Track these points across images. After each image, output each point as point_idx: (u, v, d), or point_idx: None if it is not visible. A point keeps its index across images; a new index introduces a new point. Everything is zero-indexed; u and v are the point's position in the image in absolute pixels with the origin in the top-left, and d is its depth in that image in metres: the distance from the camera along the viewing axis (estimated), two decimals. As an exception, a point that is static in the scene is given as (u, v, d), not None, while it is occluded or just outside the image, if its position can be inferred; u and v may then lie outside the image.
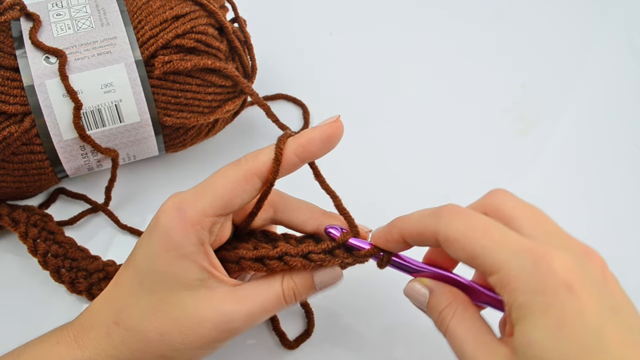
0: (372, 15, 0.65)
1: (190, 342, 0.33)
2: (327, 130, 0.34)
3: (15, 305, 0.45)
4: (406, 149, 0.55)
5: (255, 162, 0.34)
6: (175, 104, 0.46)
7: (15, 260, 0.47)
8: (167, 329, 0.33)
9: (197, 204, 0.33)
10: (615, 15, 0.66)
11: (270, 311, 0.35)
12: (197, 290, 0.33)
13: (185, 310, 0.33)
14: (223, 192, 0.33)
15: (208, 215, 0.33)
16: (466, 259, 0.30)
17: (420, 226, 0.32)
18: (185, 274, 0.33)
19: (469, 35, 0.64)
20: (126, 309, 0.34)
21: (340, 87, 0.59)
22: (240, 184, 0.33)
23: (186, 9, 0.46)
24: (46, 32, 0.45)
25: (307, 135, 0.34)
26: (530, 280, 0.28)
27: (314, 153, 0.34)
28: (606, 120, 0.58)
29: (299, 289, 0.35)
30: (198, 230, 0.33)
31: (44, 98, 0.43)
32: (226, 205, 0.33)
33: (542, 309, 0.27)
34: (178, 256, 0.33)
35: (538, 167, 0.55)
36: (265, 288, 0.34)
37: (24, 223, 0.45)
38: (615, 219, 0.52)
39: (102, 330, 0.34)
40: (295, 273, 0.35)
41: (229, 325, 0.33)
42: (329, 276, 0.35)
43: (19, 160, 0.44)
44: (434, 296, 0.34)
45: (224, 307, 0.33)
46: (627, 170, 0.55)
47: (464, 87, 0.60)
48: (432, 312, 0.34)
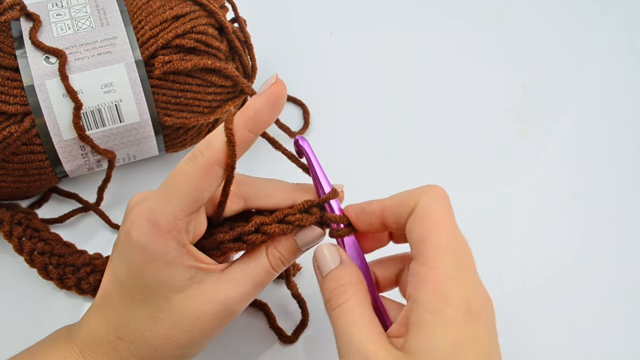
0: (372, 15, 0.65)
1: (196, 337, 0.34)
2: (271, 95, 0.32)
3: (11, 303, 0.45)
4: (406, 149, 0.55)
5: (210, 150, 0.32)
6: (175, 104, 0.46)
7: (9, 259, 0.47)
8: (171, 332, 0.33)
9: (166, 209, 0.32)
10: (615, 16, 0.66)
11: (264, 284, 0.35)
12: (188, 288, 0.33)
13: (183, 310, 0.33)
14: (188, 190, 0.32)
15: (180, 218, 0.32)
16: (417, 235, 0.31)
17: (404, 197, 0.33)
18: (173, 278, 0.33)
19: (469, 35, 0.64)
20: (126, 323, 0.34)
21: (340, 87, 0.59)
22: (203, 177, 0.32)
23: (186, 9, 0.46)
24: (46, 32, 0.45)
25: (253, 105, 0.32)
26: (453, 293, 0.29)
27: (265, 122, 0.33)
28: (606, 120, 0.58)
29: (285, 255, 0.35)
30: (175, 236, 0.32)
31: (44, 98, 0.43)
32: (195, 202, 0.32)
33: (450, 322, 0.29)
34: (162, 265, 0.32)
35: (538, 167, 0.55)
36: (253, 264, 0.35)
37: (7, 222, 0.44)
38: (615, 219, 0.52)
39: (108, 346, 0.34)
40: (277, 241, 0.35)
41: (228, 311, 0.34)
42: (310, 235, 0.35)
43: (19, 160, 0.44)
44: (343, 268, 0.33)
45: (219, 297, 0.34)
46: (627, 170, 0.55)
47: (464, 87, 0.60)
48: (330, 282, 0.33)
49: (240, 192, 0.36)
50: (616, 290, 0.49)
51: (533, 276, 0.49)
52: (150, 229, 0.32)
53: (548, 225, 0.52)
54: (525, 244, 0.51)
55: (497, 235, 0.51)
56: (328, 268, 0.34)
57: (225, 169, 0.33)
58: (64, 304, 0.45)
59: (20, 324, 0.44)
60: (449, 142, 0.56)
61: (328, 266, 0.34)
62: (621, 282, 0.49)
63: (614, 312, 0.48)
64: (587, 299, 0.48)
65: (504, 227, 0.51)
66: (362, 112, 0.57)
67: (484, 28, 0.64)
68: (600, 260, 0.50)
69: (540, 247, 0.50)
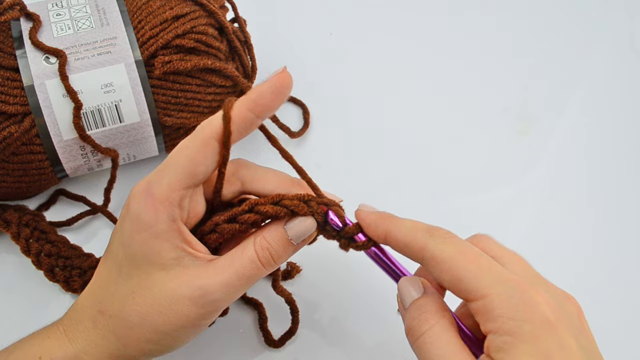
0: (372, 15, 0.65)
1: (171, 322, 0.33)
2: (276, 82, 0.33)
3: (13, 305, 0.45)
4: (406, 149, 0.55)
5: (210, 126, 0.33)
6: (175, 104, 0.46)
7: (11, 260, 0.47)
8: (147, 310, 0.33)
9: (162, 181, 0.32)
10: (616, 15, 0.66)
11: (248, 277, 0.34)
12: (171, 268, 0.33)
13: (161, 290, 0.33)
14: (185, 163, 0.32)
15: (175, 190, 0.32)
16: (450, 281, 0.31)
17: (410, 237, 0.33)
18: (158, 253, 0.33)
19: (469, 35, 0.64)
20: (108, 296, 0.34)
21: (340, 87, 0.59)
22: (200, 151, 0.32)
23: (186, 9, 0.46)
24: (46, 32, 0.45)
25: (257, 88, 0.33)
26: (518, 308, 0.29)
27: (267, 106, 0.33)
28: (606, 120, 0.58)
29: (273, 246, 0.34)
30: (167, 207, 0.32)
31: (44, 98, 0.43)
32: (190, 175, 0.33)
33: (530, 337, 0.28)
34: (150, 236, 0.33)
35: (538, 167, 0.55)
36: (239, 253, 0.34)
37: (15, 224, 0.45)
38: (616, 219, 0.52)
39: (89, 321, 0.34)
40: (266, 230, 0.34)
41: (207, 299, 0.33)
42: (301, 226, 0.34)
43: (19, 160, 0.44)
44: (427, 297, 0.33)
45: (198, 281, 0.33)
46: (627, 170, 0.55)
47: (464, 87, 0.60)
48: (411, 310, 0.32)
49: (238, 173, 0.37)
50: (616, 290, 0.49)
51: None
52: (145, 198, 0.32)
53: (548, 226, 0.52)
54: (525, 244, 0.50)
55: (497, 236, 0.50)
56: (411, 298, 0.33)
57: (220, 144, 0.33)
58: (66, 303, 0.45)
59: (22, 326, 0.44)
60: (449, 142, 0.56)
61: (411, 296, 0.33)
62: (621, 282, 0.49)
63: (614, 312, 0.48)
64: (587, 299, 0.48)
65: (503, 228, 0.51)
66: (362, 112, 0.57)
67: (484, 28, 0.64)
68: (600, 260, 0.50)
69: (540, 247, 0.50)
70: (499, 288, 0.29)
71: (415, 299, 0.33)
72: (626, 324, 0.47)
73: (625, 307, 0.48)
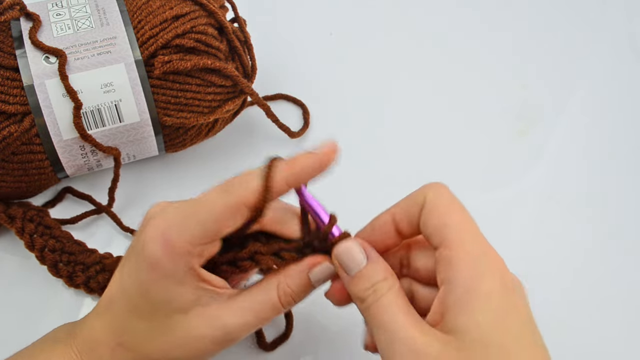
0: (372, 15, 0.65)
1: (190, 355, 0.34)
2: (323, 159, 0.33)
3: (14, 302, 0.45)
4: (405, 149, 0.55)
5: (245, 191, 0.32)
6: (175, 104, 0.46)
7: (12, 258, 0.47)
8: (169, 348, 0.34)
9: (184, 234, 0.31)
10: (615, 16, 0.66)
11: (268, 319, 0.34)
12: (192, 310, 0.33)
13: (182, 330, 0.33)
14: (211, 221, 0.31)
15: (196, 246, 0.32)
16: (435, 225, 0.32)
17: (411, 198, 0.33)
18: (178, 298, 0.33)
19: (469, 35, 0.64)
20: (128, 332, 0.34)
21: (340, 87, 0.59)
22: (229, 214, 0.32)
23: (186, 9, 0.46)
24: (46, 32, 0.45)
25: (303, 162, 0.32)
26: (481, 265, 0.30)
27: (305, 180, 0.33)
28: (606, 121, 0.58)
29: (296, 291, 0.34)
30: (188, 261, 0.32)
31: (43, 98, 0.43)
32: (214, 234, 0.32)
33: (490, 297, 0.29)
34: (169, 284, 0.32)
35: (538, 168, 0.55)
36: (261, 297, 0.34)
37: (20, 219, 0.45)
38: (616, 219, 0.52)
39: (107, 350, 0.34)
40: (289, 276, 0.34)
41: (226, 338, 0.34)
42: (325, 273, 0.34)
43: (19, 160, 0.44)
44: (372, 265, 0.32)
45: (219, 322, 0.33)
46: (627, 170, 0.55)
47: (463, 87, 0.60)
48: (361, 281, 0.32)
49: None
50: (616, 289, 0.49)
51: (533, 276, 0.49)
52: (164, 249, 0.31)
53: (548, 226, 0.52)
54: (525, 244, 0.50)
55: (497, 236, 0.50)
56: (357, 267, 0.32)
57: (252, 210, 0.32)
58: (66, 302, 0.45)
59: (22, 322, 0.44)
60: (449, 142, 0.56)
61: (356, 265, 0.33)
62: (622, 282, 0.49)
63: (614, 312, 0.48)
64: (587, 299, 0.48)
65: (503, 228, 0.51)
66: (362, 112, 0.57)
67: (483, 28, 0.64)
68: (600, 260, 0.50)
69: (540, 247, 0.50)
70: (476, 247, 0.31)
71: (362, 269, 0.32)
72: (626, 324, 0.47)
73: (626, 306, 0.48)
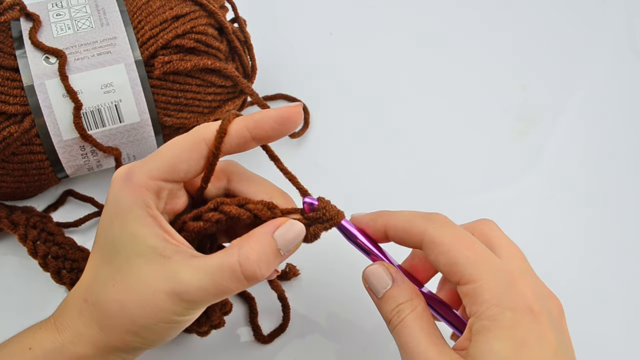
0: (372, 15, 0.65)
1: (149, 315, 0.32)
2: (283, 113, 0.33)
3: (16, 306, 0.45)
4: (405, 149, 0.55)
5: (205, 130, 0.33)
6: (175, 104, 0.46)
7: (15, 261, 0.47)
8: (125, 298, 0.32)
9: (142, 168, 0.33)
10: (615, 16, 0.66)
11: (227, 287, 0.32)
12: (152, 258, 0.32)
13: (139, 278, 0.32)
14: (169, 156, 0.33)
15: (153, 178, 0.33)
16: (445, 264, 0.32)
17: (409, 224, 0.34)
18: (136, 239, 0.32)
19: (469, 35, 0.64)
20: (91, 283, 0.34)
21: (340, 87, 0.59)
22: (187, 149, 0.33)
23: (186, 9, 0.46)
24: (46, 32, 0.45)
25: (263, 112, 0.33)
26: (504, 296, 0.31)
27: (265, 131, 0.33)
28: (606, 120, 0.58)
29: (260, 257, 0.32)
30: (144, 193, 0.32)
31: (43, 98, 0.43)
32: (171, 169, 0.33)
33: (509, 324, 0.30)
34: (128, 220, 0.32)
35: (538, 168, 0.55)
36: (221, 260, 0.32)
37: (23, 225, 0.44)
38: (616, 219, 0.52)
39: (76, 310, 0.34)
40: (254, 239, 0.33)
41: (183, 297, 0.32)
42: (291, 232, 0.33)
43: (19, 160, 0.44)
44: (397, 287, 0.34)
45: (175, 276, 0.32)
46: (627, 170, 0.55)
47: (463, 87, 0.60)
48: (387, 303, 0.34)
49: (228, 170, 0.37)
50: (616, 289, 0.49)
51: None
52: (124, 182, 0.33)
53: (548, 226, 0.52)
54: (525, 244, 0.50)
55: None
56: (383, 289, 0.34)
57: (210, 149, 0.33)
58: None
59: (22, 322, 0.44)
60: (449, 143, 0.56)
61: (382, 287, 0.35)
62: (621, 282, 0.49)
63: (615, 312, 0.48)
64: (587, 298, 0.48)
65: (503, 228, 0.51)
66: (362, 112, 0.57)
67: (483, 28, 0.64)
68: (600, 260, 0.50)
69: (540, 247, 0.50)
70: (490, 275, 0.31)
71: (387, 290, 0.34)
72: (626, 323, 0.47)
73: (626, 306, 0.48)
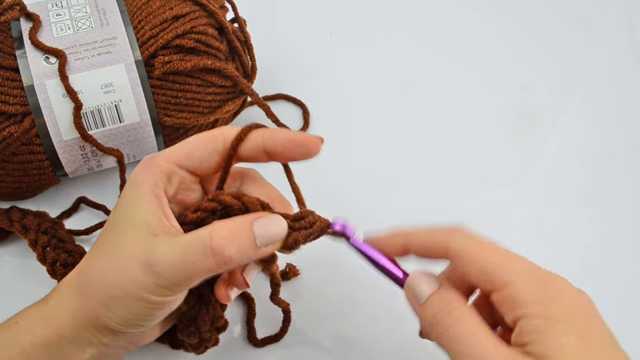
0: (372, 15, 0.65)
1: (121, 285, 0.32)
2: (301, 138, 0.34)
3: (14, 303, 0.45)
4: (405, 149, 0.55)
5: (226, 129, 0.35)
6: (175, 104, 0.46)
7: (15, 260, 0.47)
8: (106, 266, 0.33)
9: (164, 152, 0.35)
10: (615, 16, 0.66)
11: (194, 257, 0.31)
12: (141, 232, 0.32)
13: (123, 248, 0.32)
14: (189, 144, 0.35)
15: (168, 161, 0.34)
16: (477, 274, 0.32)
17: (432, 239, 0.34)
18: (135, 211, 0.33)
19: (469, 35, 0.64)
20: (88, 256, 0.35)
21: (340, 87, 0.59)
22: (204, 140, 0.35)
23: (186, 9, 0.47)
24: (46, 32, 0.45)
25: (284, 131, 0.35)
26: (543, 293, 0.30)
27: (277, 146, 0.34)
28: (606, 121, 0.58)
29: (232, 234, 0.32)
30: (156, 173, 0.34)
31: (43, 98, 0.43)
32: (187, 155, 0.35)
33: (565, 319, 0.30)
34: (134, 194, 0.34)
35: (538, 168, 0.55)
36: (194, 235, 0.32)
37: (34, 230, 0.44)
38: (616, 220, 0.52)
39: (66, 281, 0.35)
40: (233, 219, 0.33)
41: (153, 269, 0.31)
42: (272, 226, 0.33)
43: (19, 160, 0.44)
44: (446, 289, 0.33)
45: (151, 246, 0.31)
46: (627, 170, 0.55)
47: (463, 87, 0.60)
48: (432, 305, 0.32)
49: (243, 173, 0.38)
50: (617, 289, 0.48)
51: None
52: (144, 163, 0.35)
53: (548, 226, 0.52)
54: (525, 244, 0.50)
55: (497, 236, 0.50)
56: (426, 294, 0.33)
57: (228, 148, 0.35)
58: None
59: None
60: (449, 143, 0.56)
61: (427, 291, 0.33)
62: (622, 282, 0.49)
63: (615, 312, 0.47)
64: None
65: (503, 228, 0.51)
66: (362, 112, 0.57)
67: (483, 28, 0.64)
68: (600, 260, 0.50)
69: (540, 247, 0.50)
70: (523, 276, 0.31)
71: (433, 292, 0.33)
72: (626, 324, 0.47)
73: (626, 306, 0.48)
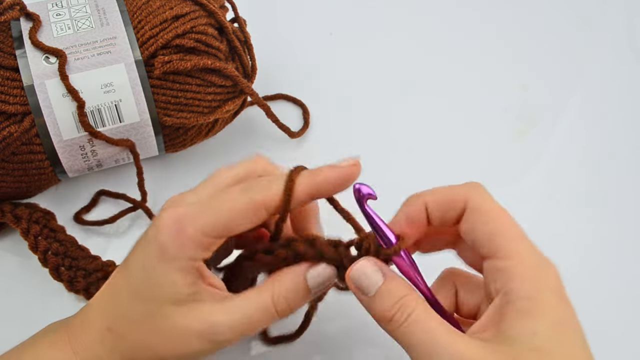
0: (372, 15, 0.65)
1: (176, 351, 0.33)
2: (346, 172, 0.33)
3: (14, 304, 0.45)
4: (405, 149, 0.55)
5: (266, 193, 0.32)
6: (175, 104, 0.46)
7: (14, 259, 0.47)
8: (154, 340, 0.33)
9: (197, 222, 0.32)
10: (615, 16, 0.66)
11: (260, 323, 0.33)
12: (185, 304, 0.33)
13: (171, 321, 0.33)
14: (227, 216, 0.32)
15: (207, 236, 0.32)
16: (485, 233, 0.31)
17: (450, 194, 0.33)
18: (175, 287, 0.32)
19: (469, 35, 0.64)
20: (120, 316, 0.34)
21: (340, 87, 0.59)
22: (246, 212, 0.32)
23: (186, 9, 0.46)
24: (46, 32, 0.45)
25: (325, 173, 0.33)
26: (541, 276, 0.30)
27: (327, 193, 0.34)
28: (606, 121, 0.58)
29: (290, 292, 0.33)
30: (195, 249, 0.32)
31: (43, 98, 0.43)
32: (226, 228, 0.32)
33: (551, 306, 0.30)
34: (171, 270, 0.32)
35: (538, 168, 0.55)
36: (254, 298, 0.33)
37: (26, 220, 0.45)
38: (616, 220, 0.52)
39: (96, 335, 0.34)
40: (286, 278, 0.34)
41: (214, 337, 0.33)
42: (323, 276, 0.33)
43: (19, 160, 0.44)
44: (392, 281, 0.31)
45: (208, 319, 0.32)
46: (627, 170, 0.55)
47: (463, 87, 0.60)
48: (382, 299, 0.31)
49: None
50: (617, 289, 0.49)
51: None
52: (175, 233, 0.32)
53: (548, 226, 0.52)
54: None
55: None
56: (375, 285, 0.32)
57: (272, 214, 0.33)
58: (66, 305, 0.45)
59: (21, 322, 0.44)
60: (449, 142, 0.56)
61: (374, 283, 0.32)
62: (622, 282, 0.49)
63: (615, 312, 0.48)
64: (587, 299, 0.48)
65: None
66: (362, 112, 0.57)
67: (483, 28, 0.64)
68: (600, 260, 0.50)
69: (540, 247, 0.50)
70: (529, 256, 0.31)
71: (381, 285, 0.31)
72: (626, 323, 0.47)
73: (626, 306, 0.48)
